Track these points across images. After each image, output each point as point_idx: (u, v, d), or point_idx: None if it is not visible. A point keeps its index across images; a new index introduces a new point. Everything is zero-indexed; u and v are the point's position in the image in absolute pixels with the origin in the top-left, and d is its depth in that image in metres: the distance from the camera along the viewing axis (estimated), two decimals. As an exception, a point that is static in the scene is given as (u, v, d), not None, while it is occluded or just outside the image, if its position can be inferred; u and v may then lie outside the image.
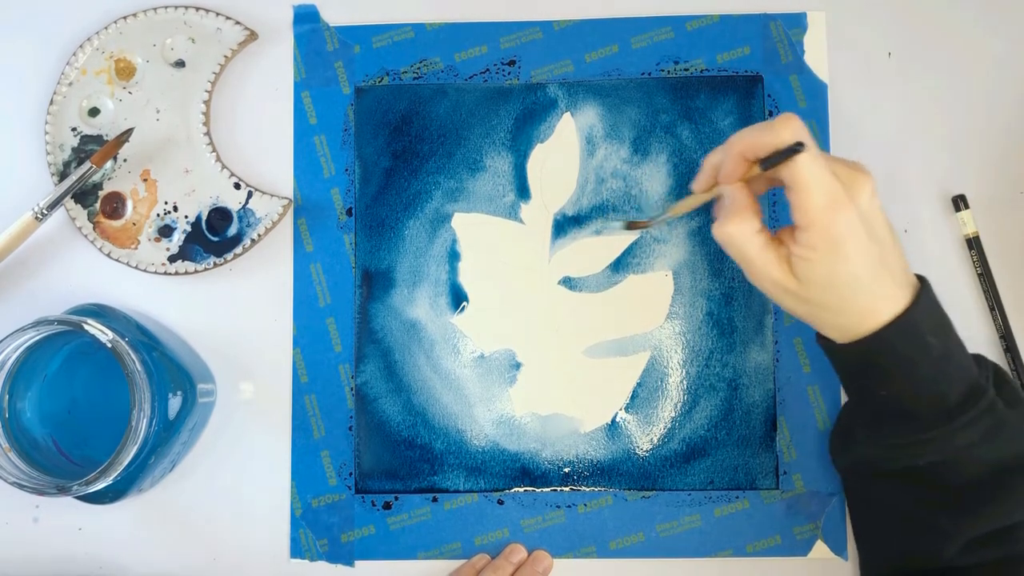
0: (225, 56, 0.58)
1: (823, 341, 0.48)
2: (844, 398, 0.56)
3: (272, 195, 0.57)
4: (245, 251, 0.57)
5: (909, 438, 0.46)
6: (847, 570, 0.56)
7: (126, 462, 0.48)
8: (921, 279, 0.46)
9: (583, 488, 0.56)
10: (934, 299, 0.46)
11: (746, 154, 0.45)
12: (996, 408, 0.46)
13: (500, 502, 0.57)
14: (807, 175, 0.43)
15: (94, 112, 0.58)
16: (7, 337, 0.49)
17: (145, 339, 0.53)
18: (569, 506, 0.56)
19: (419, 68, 0.59)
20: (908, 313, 0.44)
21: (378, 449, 0.57)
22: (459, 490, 0.57)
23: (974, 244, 0.56)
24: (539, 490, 0.57)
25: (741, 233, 0.45)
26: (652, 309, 0.57)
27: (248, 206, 0.57)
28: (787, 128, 0.43)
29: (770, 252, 0.45)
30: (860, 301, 0.44)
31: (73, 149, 0.57)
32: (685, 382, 0.57)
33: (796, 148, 0.42)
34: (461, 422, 0.57)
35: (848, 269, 0.43)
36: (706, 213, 0.57)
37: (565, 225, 0.58)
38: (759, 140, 0.44)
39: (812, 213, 0.43)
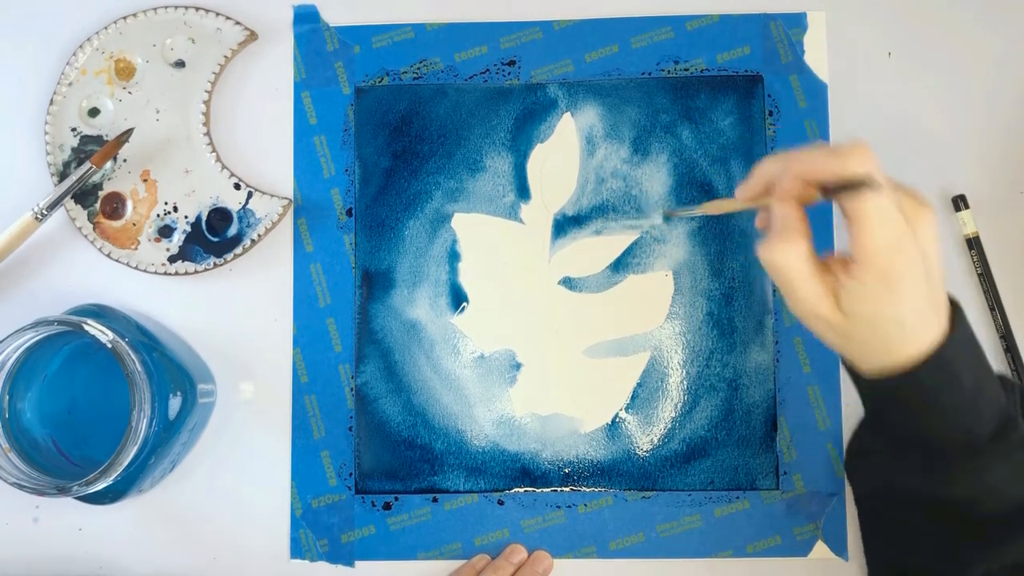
0: (225, 56, 0.58)
1: (849, 367, 0.45)
2: (842, 401, 0.56)
3: (272, 195, 0.57)
4: (245, 251, 0.57)
5: (934, 472, 0.44)
6: (847, 570, 0.56)
7: (126, 462, 0.48)
8: (954, 304, 0.44)
9: (583, 488, 0.56)
10: (968, 329, 0.44)
11: (807, 176, 0.41)
12: None
13: (500, 502, 0.57)
14: (874, 213, 0.39)
15: (94, 112, 0.58)
16: (7, 337, 0.49)
17: (145, 339, 0.53)
18: (569, 506, 0.56)
19: (419, 68, 0.59)
20: (943, 349, 0.42)
21: (378, 449, 0.57)
22: (459, 490, 0.57)
23: (974, 244, 0.56)
24: (539, 490, 0.57)
25: (789, 259, 0.41)
26: (652, 309, 0.57)
27: (248, 206, 0.57)
28: (858, 159, 0.40)
29: (817, 282, 0.42)
30: (900, 337, 0.42)
31: (73, 149, 0.57)
32: (685, 382, 0.57)
33: (866, 183, 0.39)
34: (461, 422, 0.57)
35: (898, 309, 0.41)
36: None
37: (565, 225, 0.58)
38: (825, 166, 0.41)
39: (873, 252, 0.40)
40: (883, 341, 0.42)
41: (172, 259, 0.57)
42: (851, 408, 0.56)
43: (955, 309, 0.43)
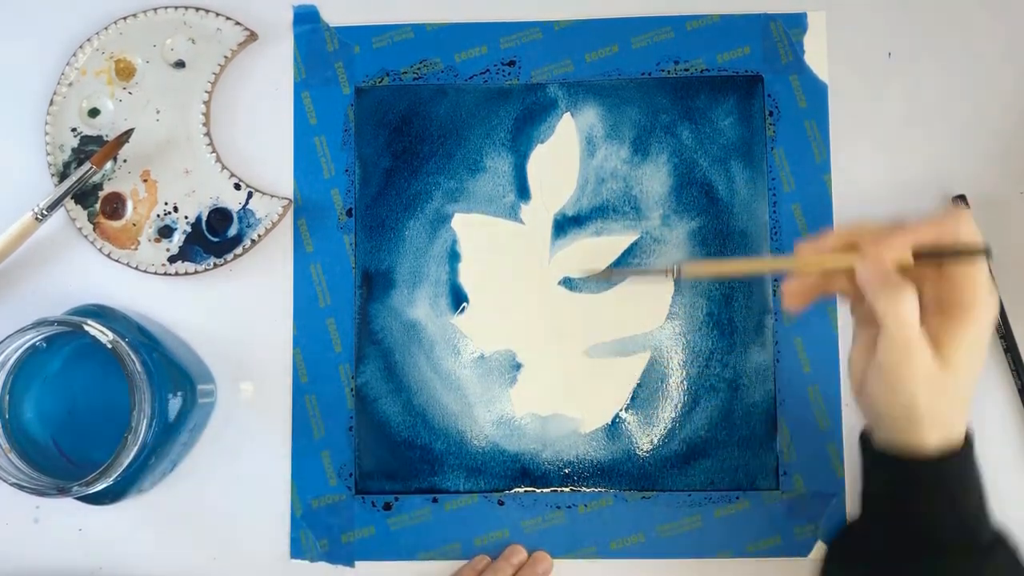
0: (225, 56, 0.58)
1: (872, 455, 0.47)
2: (842, 401, 0.56)
3: (272, 195, 0.57)
4: (245, 252, 0.57)
5: (932, 568, 0.45)
6: (847, 570, 0.56)
7: (126, 463, 0.48)
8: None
9: (583, 489, 0.56)
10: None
11: (923, 242, 0.44)
12: (1020, 557, 0.45)
13: (500, 503, 0.57)
14: (983, 270, 0.43)
15: (94, 112, 0.58)
16: (7, 337, 0.49)
17: (145, 340, 0.53)
18: (569, 507, 0.56)
19: (419, 68, 0.59)
20: (969, 446, 0.45)
21: (378, 450, 0.57)
22: (459, 491, 0.57)
23: (974, 244, 0.56)
24: (539, 491, 0.57)
25: (913, 308, 0.43)
26: (652, 309, 0.57)
27: (248, 206, 0.57)
28: (966, 227, 0.44)
29: (925, 333, 0.43)
30: (961, 404, 0.44)
31: (73, 150, 0.57)
32: (685, 382, 0.57)
33: (983, 251, 0.43)
34: (461, 423, 0.57)
35: (982, 357, 0.44)
36: (706, 213, 0.57)
37: (565, 225, 0.58)
38: (937, 231, 0.44)
39: (982, 302, 0.43)
40: (967, 393, 0.44)
41: (172, 259, 0.57)
42: (851, 408, 0.56)
43: (969, 434, 0.46)
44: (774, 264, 0.48)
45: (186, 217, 0.57)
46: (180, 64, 0.58)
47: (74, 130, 0.57)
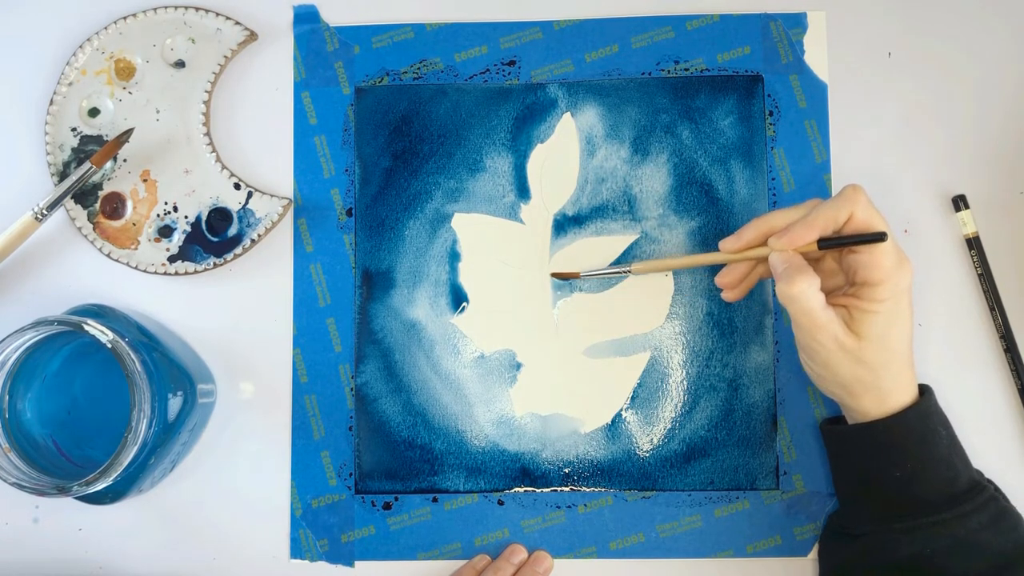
0: (225, 56, 0.58)
1: (835, 435, 0.51)
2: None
3: (272, 195, 0.57)
4: (245, 251, 0.57)
5: (920, 521, 0.48)
6: (847, 570, 0.56)
7: (126, 462, 0.48)
8: (921, 385, 0.51)
9: (583, 488, 0.56)
10: (934, 397, 0.51)
11: (823, 231, 0.48)
12: (998, 498, 0.49)
13: (500, 502, 0.57)
14: (886, 248, 0.47)
15: (94, 112, 0.58)
16: (7, 337, 0.49)
17: (145, 339, 0.53)
18: (569, 506, 0.56)
19: (419, 68, 0.59)
20: (924, 400, 0.49)
21: (378, 449, 0.57)
22: (459, 490, 0.57)
23: (974, 244, 0.56)
24: (539, 490, 0.57)
25: (809, 291, 0.47)
26: (652, 309, 0.57)
27: (248, 206, 0.57)
28: (862, 209, 0.47)
29: (831, 310, 0.47)
30: (895, 369, 0.48)
31: (73, 149, 0.57)
32: (685, 382, 0.57)
33: (880, 237, 0.47)
34: (461, 422, 0.57)
35: (903, 325, 0.48)
36: (706, 212, 0.57)
37: (565, 225, 0.58)
38: (834, 219, 0.48)
39: (886, 271, 0.47)
40: (887, 365, 0.48)
41: (172, 259, 0.57)
42: (851, 408, 0.56)
43: (925, 387, 0.51)
44: (707, 258, 0.53)
45: (186, 217, 0.57)
46: (180, 64, 0.58)
47: (74, 130, 0.57)
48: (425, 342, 0.57)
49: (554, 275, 0.57)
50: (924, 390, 0.50)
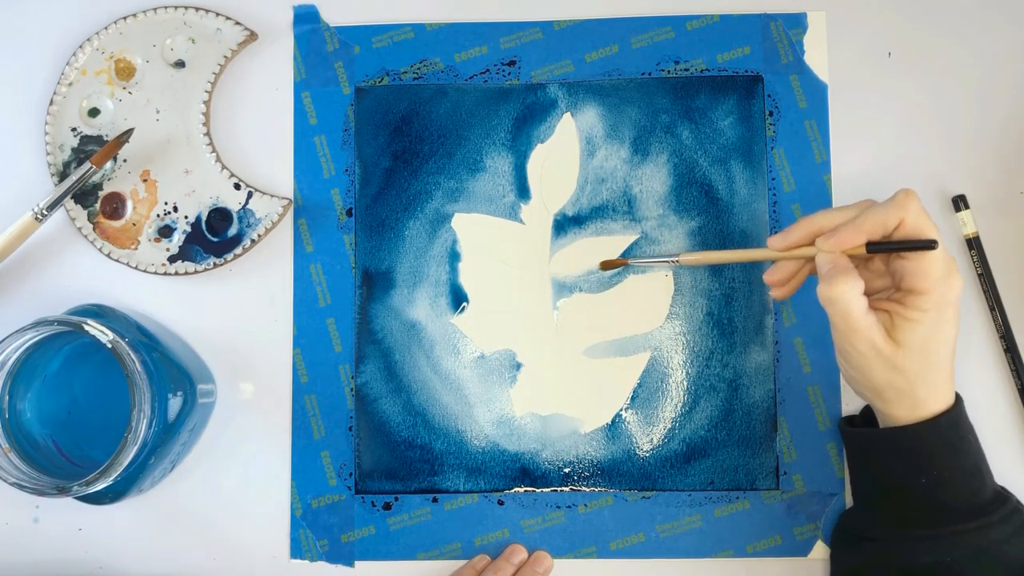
0: (225, 56, 0.58)
1: (859, 437, 0.51)
2: (842, 401, 0.56)
3: (272, 195, 0.57)
4: (245, 251, 0.57)
5: (942, 530, 0.47)
6: (847, 570, 0.56)
7: (126, 463, 0.48)
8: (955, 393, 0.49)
9: (583, 488, 0.56)
10: (964, 407, 0.49)
11: (872, 234, 0.46)
12: (1021, 510, 0.48)
13: (500, 502, 0.57)
14: (936, 255, 0.46)
15: (94, 112, 0.58)
16: (7, 337, 0.49)
17: (145, 339, 0.53)
18: (569, 506, 0.56)
19: (419, 68, 0.59)
20: (956, 408, 0.48)
21: (378, 449, 0.57)
22: (459, 490, 0.57)
23: (974, 244, 0.56)
24: (539, 490, 0.57)
25: (849, 295, 0.45)
26: (652, 309, 0.57)
27: (248, 206, 0.57)
28: (913, 216, 0.46)
29: (872, 315, 0.46)
30: (932, 379, 0.47)
31: (73, 149, 0.57)
32: (685, 382, 0.57)
33: (930, 245, 0.45)
34: (461, 422, 0.57)
35: (945, 336, 0.46)
36: (706, 212, 0.57)
37: (565, 225, 0.58)
38: (884, 223, 0.46)
39: (932, 281, 0.45)
40: (924, 374, 0.46)
41: (172, 259, 0.57)
42: (851, 408, 0.56)
43: (957, 395, 0.49)
44: (755, 254, 0.52)
45: (186, 217, 0.57)
46: (180, 64, 0.58)
47: (74, 130, 0.57)
48: (425, 342, 0.57)
49: (603, 264, 0.56)
50: (955, 397, 0.49)
